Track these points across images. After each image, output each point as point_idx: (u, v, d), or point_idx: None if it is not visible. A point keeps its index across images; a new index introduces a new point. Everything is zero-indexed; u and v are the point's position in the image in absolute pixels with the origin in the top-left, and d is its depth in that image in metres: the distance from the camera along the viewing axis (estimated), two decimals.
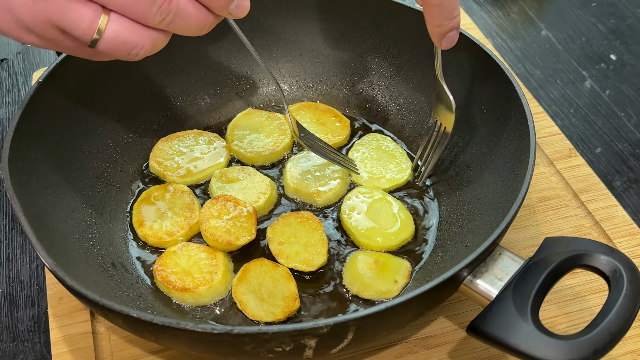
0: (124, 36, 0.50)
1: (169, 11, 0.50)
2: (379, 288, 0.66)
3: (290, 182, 0.75)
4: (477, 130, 0.75)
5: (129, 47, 0.51)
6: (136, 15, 0.50)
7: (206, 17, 0.53)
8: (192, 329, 0.49)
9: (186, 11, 0.52)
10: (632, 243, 0.74)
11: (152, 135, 0.80)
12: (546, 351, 0.51)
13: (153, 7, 0.50)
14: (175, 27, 0.52)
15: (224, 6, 0.53)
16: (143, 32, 0.51)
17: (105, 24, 0.50)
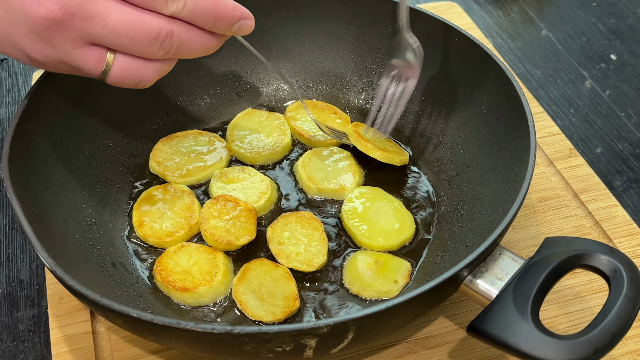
0: (130, 72, 0.54)
1: (172, 45, 0.53)
2: (379, 288, 0.66)
3: (311, 185, 0.75)
4: (477, 130, 0.75)
5: (136, 80, 0.55)
6: (140, 53, 0.53)
7: (210, 41, 0.56)
8: (192, 329, 0.49)
9: (189, 41, 0.54)
10: (632, 243, 0.74)
11: (152, 135, 0.80)
12: (546, 351, 0.51)
13: (155, 44, 0.52)
14: (179, 56, 0.55)
15: (227, 29, 0.56)
16: (148, 65, 0.55)
17: (112, 61, 0.53)
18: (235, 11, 0.56)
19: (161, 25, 0.52)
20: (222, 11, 0.55)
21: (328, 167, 0.77)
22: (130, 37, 0.51)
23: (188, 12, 0.53)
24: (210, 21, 0.54)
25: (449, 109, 0.78)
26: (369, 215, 0.72)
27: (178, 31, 0.53)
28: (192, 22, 0.54)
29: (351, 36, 0.83)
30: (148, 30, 0.52)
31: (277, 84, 0.87)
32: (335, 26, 0.83)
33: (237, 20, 0.56)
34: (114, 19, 0.51)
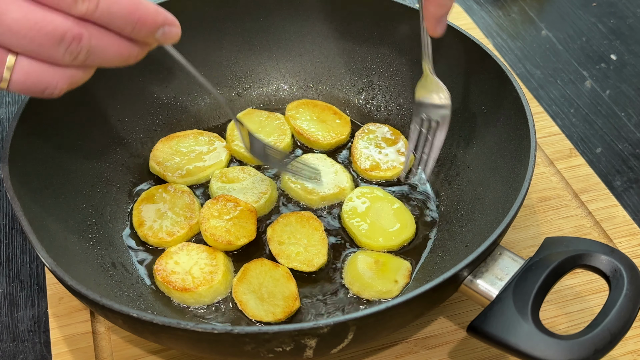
0: (34, 77, 0.47)
1: (80, 49, 0.47)
2: (379, 288, 0.66)
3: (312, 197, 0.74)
4: (477, 130, 0.75)
5: (41, 87, 0.48)
6: (43, 56, 0.47)
7: (128, 48, 0.49)
8: (192, 329, 0.49)
9: (102, 46, 0.48)
10: (633, 243, 0.74)
11: (152, 135, 0.80)
12: (546, 351, 0.51)
13: (60, 47, 0.46)
14: (92, 63, 0.49)
15: (147, 36, 0.49)
16: (56, 71, 0.48)
17: (12, 65, 0.47)
18: (157, 16, 0.49)
19: (67, 26, 0.46)
20: (141, 15, 0.48)
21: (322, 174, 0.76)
22: (29, 37, 0.45)
23: (101, 15, 0.46)
24: (127, 26, 0.48)
25: None
26: (370, 214, 0.71)
27: (89, 35, 0.47)
28: (107, 26, 0.48)
29: (351, 36, 0.83)
30: (50, 31, 0.45)
31: (277, 84, 0.87)
32: (335, 26, 0.83)
33: (159, 26, 0.49)
34: (10, 17, 0.45)
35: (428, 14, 0.65)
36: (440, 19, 0.65)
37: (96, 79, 0.74)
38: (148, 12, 0.48)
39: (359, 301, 0.66)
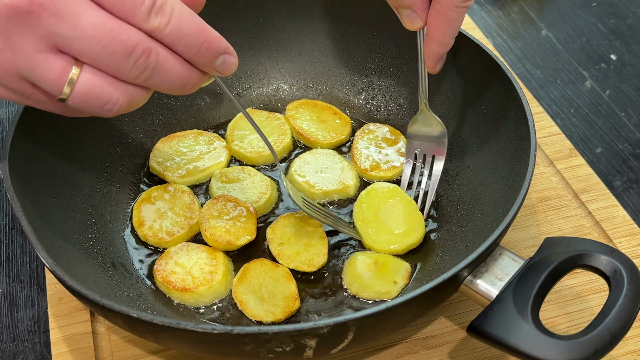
0: (96, 90, 0.46)
1: (147, 65, 0.46)
2: (378, 289, 0.66)
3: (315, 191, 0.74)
4: (477, 130, 0.75)
5: (102, 102, 0.47)
6: (110, 68, 0.46)
7: (189, 73, 0.49)
8: (192, 329, 0.49)
9: (166, 66, 0.47)
10: (633, 243, 0.74)
11: (152, 135, 0.80)
12: (546, 351, 0.51)
13: (129, 60, 0.45)
14: (154, 83, 0.48)
15: (209, 62, 0.49)
16: (118, 86, 0.47)
17: (77, 75, 0.46)
18: (221, 42, 0.49)
19: (139, 39, 0.45)
20: (207, 37, 0.48)
21: (322, 170, 0.76)
22: (103, 44, 0.44)
23: (171, 31, 0.46)
24: (194, 47, 0.47)
25: (448, 109, 0.78)
26: (380, 215, 0.71)
27: (156, 52, 0.46)
28: (173, 46, 0.47)
29: (351, 36, 0.83)
30: (124, 40, 0.45)
31: (277, 84, 0.87)
32: (335, 26, 0.83)
33: (221, 52, 0.49)
34: (88, 21, 0.44)
35: (430, 52, 0.64)
36: (442, 57, 0.65)
37: None
38: (214, 36, 0.48)
39: (358, 302, 0.66)
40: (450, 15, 0.60)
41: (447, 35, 0.62)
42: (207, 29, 0.48)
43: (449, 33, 0.62)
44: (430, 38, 0.63)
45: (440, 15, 0.61)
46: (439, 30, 0.62)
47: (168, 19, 0.45)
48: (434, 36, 0.63)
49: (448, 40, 0.63)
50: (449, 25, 0.61)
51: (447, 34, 0.62)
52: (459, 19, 0.61)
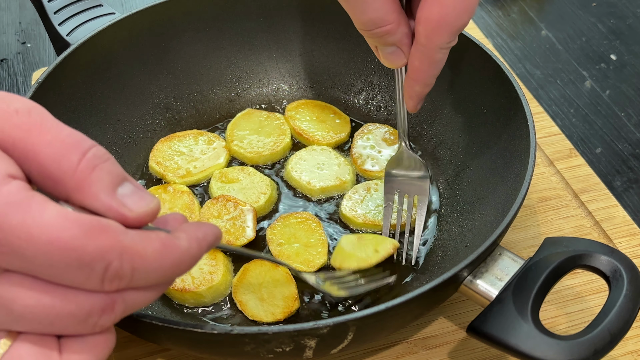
0: None
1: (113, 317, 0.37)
2: (358, 255, 0.65)
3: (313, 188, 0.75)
4: (477, 130, 0.75)
5: None
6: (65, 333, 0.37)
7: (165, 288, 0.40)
8: (192, 329, 0.49)
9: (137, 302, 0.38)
10: (633, 243, 0.74)
11: (152, 135, 0.80)
12: (546, 351, 0.51)
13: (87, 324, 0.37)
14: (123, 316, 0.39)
15: None
16: None
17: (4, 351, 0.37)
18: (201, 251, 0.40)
19: (93, 302, 0.36)
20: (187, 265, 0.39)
21: (318, 167, 0.77)
22: (45, 323, 0.36)
23: (138, 284, 0.37)
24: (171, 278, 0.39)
25: (448, 109, 0.78)
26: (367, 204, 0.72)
27: (122, 299, 0.37)
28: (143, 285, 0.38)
29: (351, 36, 0.83)
30: (73, 312, 0.36)
31: (277, 84, 0.87)
32: (335, 26, 0.83)
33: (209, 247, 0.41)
34: (21, 304, 0.35)
35: (413, 93, 0.61)
36: (424, 97, 0.62)
37: (96, 80, 0.75)
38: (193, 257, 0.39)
39: (359, 301, 0.66)
40: (436, 56, 0.57)
41: (432, 76, 0.59)
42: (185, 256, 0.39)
43: (434, 74, 0.59)
44: (412, 80, 0.60)
45: (425, 57, 0.57)
46: (423, 72, 0.59)
47: (129, 278, 0.36)
48: (417, 78, 0.60)
49: (432, 81, 0.60)
50: (433, 66, 0.58)
51: (432, 75, 0.59)
52: (443, 60, 0.58)
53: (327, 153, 0.78)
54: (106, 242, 0.35)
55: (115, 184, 0.37)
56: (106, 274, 0.35)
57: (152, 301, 0.40)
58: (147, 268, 0.37)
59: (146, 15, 0.77)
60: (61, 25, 0.77)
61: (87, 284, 0.35)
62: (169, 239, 0.38)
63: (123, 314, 0.38)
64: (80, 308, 0.36)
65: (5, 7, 1.10)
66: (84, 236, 0.34)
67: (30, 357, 0.37)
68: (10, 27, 1.06)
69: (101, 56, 0.75)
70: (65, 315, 0.36)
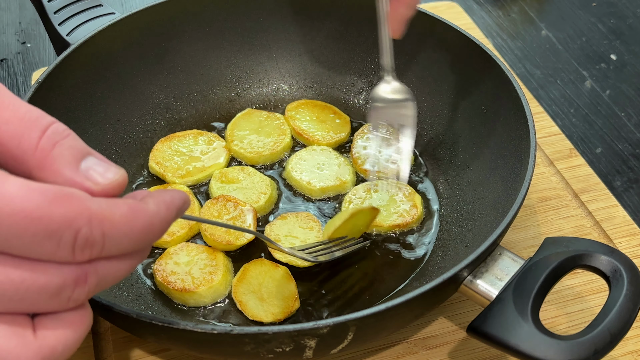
0: None
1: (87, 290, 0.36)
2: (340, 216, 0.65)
3: (313, 188, 0.75)
4: (477, 130, 0.75)
5: None
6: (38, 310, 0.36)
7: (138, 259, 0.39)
8: (192, 329, 0.49)
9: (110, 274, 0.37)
10: (633, 243, 0.74)
11: (152, 135, 0.80)
12: (546, 351, 0.51)
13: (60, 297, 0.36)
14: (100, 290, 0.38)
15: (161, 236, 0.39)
16: None
17: None
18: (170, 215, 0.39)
19: (64, 274, 0.35)
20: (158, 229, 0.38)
21: (319, 167, 0.77)
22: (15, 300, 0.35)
23: (109, 252, 0.36)
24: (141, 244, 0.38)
25: (448, 109, 0.78)
26: None
27: (95, 271, 0.36)
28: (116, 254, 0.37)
29: (351, 36, 0.83)
30: (43, 286, 0.35)
31: (277, 84, 0.87)
32: (335, 26, 0.83)
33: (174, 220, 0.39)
34: None
35: (396, 15, 0.62)
36: (407, 20, 0.63)
37: (96, 79, 0.75)
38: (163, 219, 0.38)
39: (359, 301, 0.66)
40: None
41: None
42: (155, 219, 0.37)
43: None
44: (398, 1, 0.61)
45: None
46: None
47: (101, 245, 0.35)
48: None
49: (416, 3, 0.61)
50: None
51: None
52: None
53: (327, 153, 0.78)
54: (73, 208, 0.34)
55: (78, 158, 0.36)
56: (76, 242, 0.34)
57: (126, 273, 0.38)
58: (118, 232, 0.35)
59: (146, 15, 0.77)
60: (61, 25, 0.77)
61: (57, 254, 0.34)
62: (136, 204, 0.37)
63: (97, 286, 0.37)
64: (52, 281, 0.35)
65: (5, 7, 1.10)
66: (49, 204, 0.33)
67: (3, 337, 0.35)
68: (10, 27, 1.06)
69: (101, 56, 0.75)
70: (36, 289, 0.35)
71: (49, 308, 0.36)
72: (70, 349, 0.37)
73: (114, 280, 0.38)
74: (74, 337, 0.37)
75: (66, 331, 0.37)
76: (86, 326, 0.38)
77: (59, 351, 0.36)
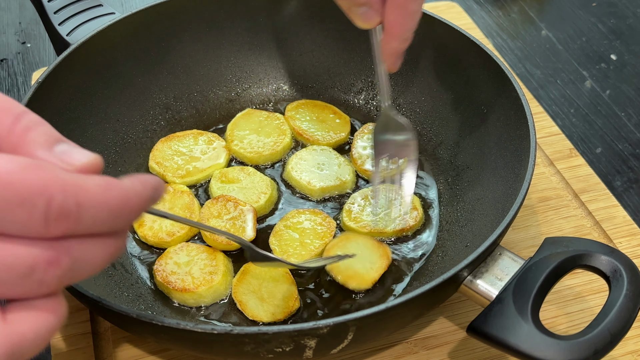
0: None
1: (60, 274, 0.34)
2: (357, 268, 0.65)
3: (313, 188, 0.75)
4: (477, 130, 0.75)
5: None
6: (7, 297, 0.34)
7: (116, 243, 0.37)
8: (192, 329, 0.49)
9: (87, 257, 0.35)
10: (633, 243, 0.74)
11: (152, 135, 0.80)
12: (546, 351, 0.51)
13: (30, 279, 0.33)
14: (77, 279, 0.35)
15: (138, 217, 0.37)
16: None
17: None
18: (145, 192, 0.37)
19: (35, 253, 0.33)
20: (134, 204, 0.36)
21: (319, 167, 0.77)
22: None
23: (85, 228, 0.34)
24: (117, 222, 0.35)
25: (448, 109, 0.78)
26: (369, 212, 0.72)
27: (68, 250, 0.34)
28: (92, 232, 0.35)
29: (351, 36, 0.83)
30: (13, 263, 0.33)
31: (277, 84, 0.87)
32: (335, 26, 0.83)
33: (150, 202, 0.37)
34: None
35: (391, 50, 0.61)
36: (402, 53, 0.61)
37: (96, 79, 0.75)
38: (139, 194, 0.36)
39: (359, 301, 0.66)
40: (411, 8, 0.57)
41: (408, 30, 0.59)
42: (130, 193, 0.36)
43: (410, 27, 0.59)
44: (389, 35, 0.60)
45: (400, 9, 0.57)
46: (400, 25, 0.58)
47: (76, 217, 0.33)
48: (394, 32, 0.59)
49: (409, 35, 0.59)
50: (409, 19, 0.58)
51: (408, 28, 0.59)
52: (419, 11, 0.58)
53: (327, 153, 0.78)
54: (46, 176, 0.32)
55: (52, 142, 0.35)
56: (50, 210, 0.32)
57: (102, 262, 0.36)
58: (93, 203, 0.33)
59: (146, 15, 0.77)
60: (61, 25, 0.77)
61: (29, 225, 0.32)
62: (111, 178, 0.35)
63: (71, 271, 0.34)
64: (22, 258, 0.33)
65: (5, 7, 1.10)
66: (22, 171, 0.32)
67: None
68: (10, 27, 1.06)
69: (101, 56, 0.75)
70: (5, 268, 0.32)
71: (19, 291, 0.34)
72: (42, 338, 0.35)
73: (89, 268, 0.35)
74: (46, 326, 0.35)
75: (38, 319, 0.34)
76: (59, 316, 0.35)
77: (29, 339, 0.34)
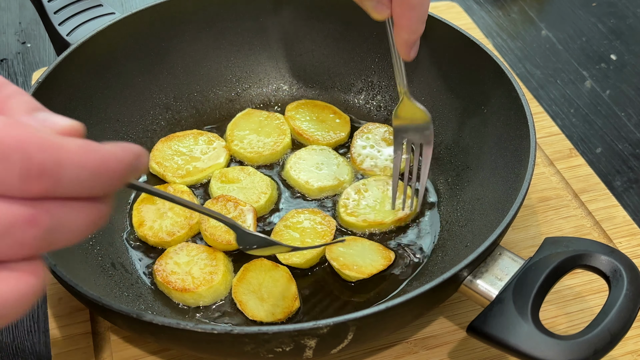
0: None
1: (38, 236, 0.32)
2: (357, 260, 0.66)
3: (311, 187, 0.75)
4: (477, 130, 0.75)
5: None
6: None
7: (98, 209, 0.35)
8: (192, 329, 0.49)
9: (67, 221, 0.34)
10: (633, 243, 0.74)
11: (152, 135, 0.80)
12: (546, 351, 0.51)
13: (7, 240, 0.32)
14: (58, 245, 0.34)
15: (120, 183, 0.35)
16: None
17: None
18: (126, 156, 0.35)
19: (14, 208, 0.32)
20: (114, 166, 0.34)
21: (317, 167, 0.77)
22: None
23: (65, 189, 0.33)
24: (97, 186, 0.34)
25: (448, 109, 0.78)
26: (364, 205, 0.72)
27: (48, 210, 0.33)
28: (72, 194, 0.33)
29: (351, 36, 0.83)
30: None
31: (277, 84, 0.87)
32: (335, 26, 0.83)
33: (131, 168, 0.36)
34: None
35: (402, 41, 0.63)
36: (414, 44, 0.63)
37: (96, 80, 0.75)
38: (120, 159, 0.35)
39: (359, 301, 0.66)
40: (413, 1, 0.59)
41: (415, 22, 0.60)
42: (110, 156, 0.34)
43: (417, 19, 0.60)
44: (399, 27, 0.62)
45: (404, 3, 0.59)
46: (406, 18, 0.60)
47: (56, 176, 0.32)
48: (402, 25, 0.61)
49: (417, 27, 0.61)
50: (415, 12, 0.59)
51: (415, 20, 0.60)
52: (423, 4, 0.59)
53: (326, 153, 0.78)
54: (27, 133, 0.31)
55: (34, 109, 0.35)
56: (29, 167, 0.31)
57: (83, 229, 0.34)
58: (73, 162, 0.32)
59: (146, 15, 0.77)
60: (61, 25, 0.77)
61: (7, 182, 0.31)
62: (91, 141, 0.34)
63: (51, 234, 0.33)
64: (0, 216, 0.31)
65: (5, 7, 1.10)
66: (1, 127, 0.31)
67: None
68: (10, 27, 1.06)
69: (101, 56, 0.75)
70: None
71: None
72: (22, 302, 0.33)
73: (69, 234, 0.34)
74: (25, 289, 0.33)
75: (19, 280, 0.33)
76: (40, 279, 0.34)
77: (9, 301, 0.33)
